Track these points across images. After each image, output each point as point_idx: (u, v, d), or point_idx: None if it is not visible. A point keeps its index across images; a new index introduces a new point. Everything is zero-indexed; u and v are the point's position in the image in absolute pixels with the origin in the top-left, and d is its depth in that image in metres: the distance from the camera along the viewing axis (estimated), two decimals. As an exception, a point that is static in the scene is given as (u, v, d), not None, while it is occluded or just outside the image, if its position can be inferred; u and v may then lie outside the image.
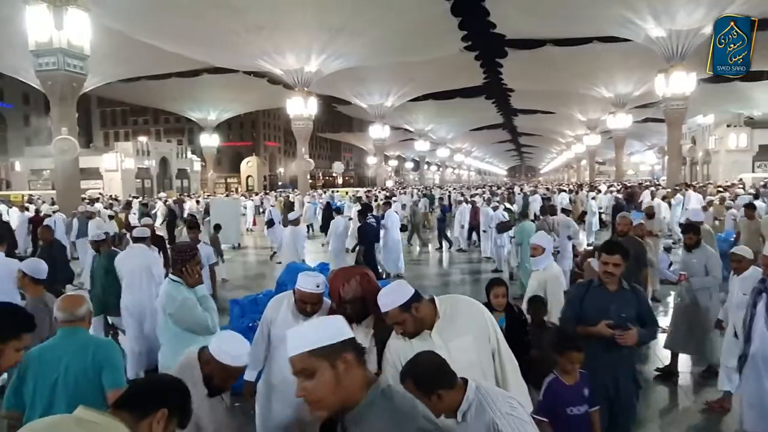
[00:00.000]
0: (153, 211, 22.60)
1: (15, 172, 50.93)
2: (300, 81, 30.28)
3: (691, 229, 6.03)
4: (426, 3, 24.46)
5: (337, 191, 41.32)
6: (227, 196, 42.96)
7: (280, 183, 77.45)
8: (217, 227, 12.39)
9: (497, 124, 64.89)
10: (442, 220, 17.01)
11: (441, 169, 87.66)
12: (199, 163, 59.79)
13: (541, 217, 10.53)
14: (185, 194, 41.44)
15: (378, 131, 45.99)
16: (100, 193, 37.33)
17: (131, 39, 26.48)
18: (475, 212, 15.98)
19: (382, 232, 11.47)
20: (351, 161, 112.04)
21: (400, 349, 2.46)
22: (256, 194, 40.00)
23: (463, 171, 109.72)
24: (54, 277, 5.88)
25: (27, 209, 20.17)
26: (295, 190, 41.86)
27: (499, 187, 42.24)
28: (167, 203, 25.11)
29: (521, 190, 33.38)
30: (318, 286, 2.99)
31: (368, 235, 9.72)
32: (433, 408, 1.90)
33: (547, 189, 33.33)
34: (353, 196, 28.79)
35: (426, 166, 78.84)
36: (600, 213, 19.54)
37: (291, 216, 10.66)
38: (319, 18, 24.43)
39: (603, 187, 29.11)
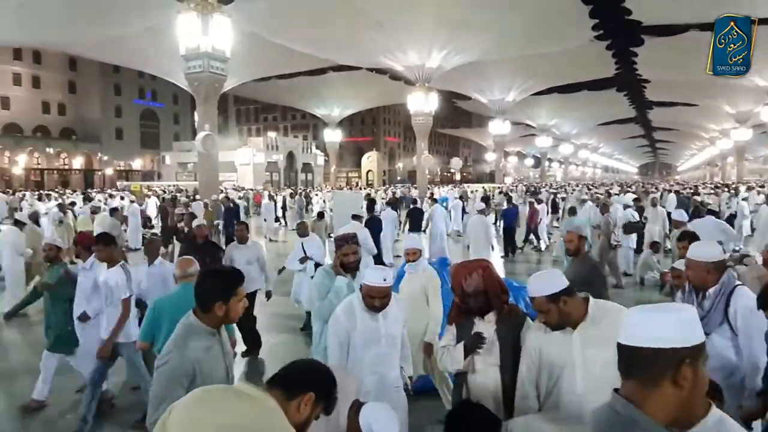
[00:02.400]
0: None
1: (165, 165, 56.95)
2: (421, 77, 30.51)
3: (687, 236, 4.81)
4: (554, -8, 23.46)
5: (457, 186, 41.01)
6: (350, 189, 44.49)
7: (398, 178, 78.72)
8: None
9: (628, 118, 60.46)
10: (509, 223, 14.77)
11: (564, 165, 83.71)
12: (323, 157, 62.60)
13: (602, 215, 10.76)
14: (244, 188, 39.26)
15: (498, 127, 44.99)
16: (233, 185, 40.50)
17: (265, 41, 28.33)
18: (533, 213, 15.25)
19: (429, 224, 12.98)
20: (469, 157, 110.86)
21: (538, 340, 2.42)
22: (374, 189, 40.95)
23: (589, 168, 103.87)
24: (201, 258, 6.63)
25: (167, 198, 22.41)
26: (414, 185, 42.30)
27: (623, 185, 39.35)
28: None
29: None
30: (385, 280, 2.88)
31: (373, 226, 10.79)
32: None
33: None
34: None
35: (547, 163, 75.70)
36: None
37: (478, 207, 11.21)
38: (440, 13, 24.39)
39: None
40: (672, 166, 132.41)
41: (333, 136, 52.73)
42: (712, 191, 25.67)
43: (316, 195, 29.94)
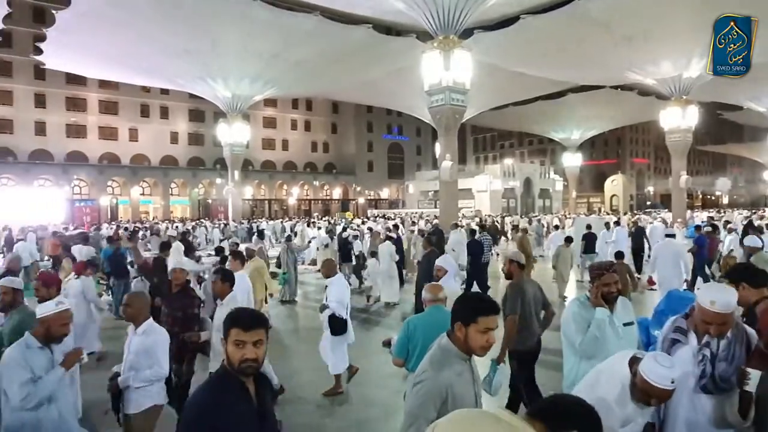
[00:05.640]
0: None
1: (408, 194, 61.37)
2: (677, 89, 27.27)
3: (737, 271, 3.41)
4: None
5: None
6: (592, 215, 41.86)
7: (648, 203, 71.20)
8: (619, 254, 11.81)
9: None
10: (700, 257, 11.73)
11: None
12: (561, 182, 60.20)
13: None
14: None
15: (781, 139, 37.55)
16: (470, 211, 41.50)
17: (502, 70, 28.74)
18: (711, 243, 11.68)
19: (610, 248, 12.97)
20: (740, 177, 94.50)
21: None
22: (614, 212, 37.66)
23: None
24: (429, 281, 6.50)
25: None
26: (668, 210, 37.78)
27: None
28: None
29: None
30: (673, 382, 2.32)
31: (474, 250, 11.81)
32: None
33: None
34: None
35: None
36: None
37: None
38: (702, 16, 21.42)
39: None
40: None
41: (572, 160, 50.56)
42: None
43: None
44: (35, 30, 36.03)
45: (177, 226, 26.55)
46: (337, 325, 6.05)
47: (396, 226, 18.75)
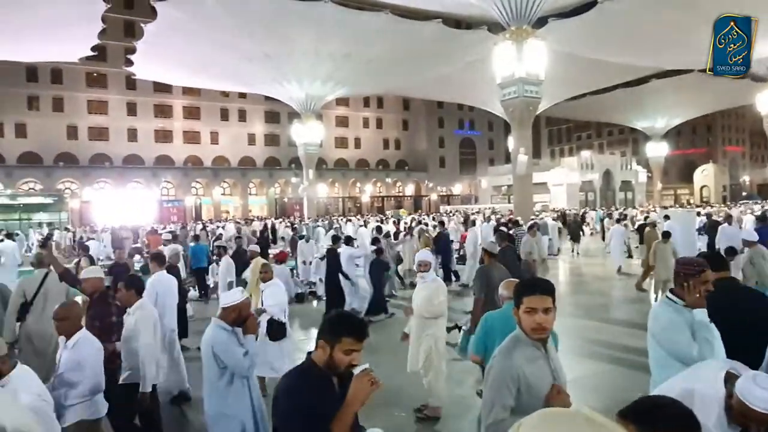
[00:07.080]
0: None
1: (481, 189, 60.48)
2: (776, 69, 25.14)
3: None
4: None
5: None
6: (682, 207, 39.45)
7: (744, 194, 66.09)
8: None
9: None
10: None
11: None
12: (645, 173, 57.11)
13: None
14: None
15: None
16: (545, 205, 40.26)
17: (578, 59, 27.58)
18: None
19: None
20: None
21: None
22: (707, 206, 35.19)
23: None
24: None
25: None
26: (765, 200, 34.92)
27: None
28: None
29: None
30: None
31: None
32: None
33: None
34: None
35: None
36: None
37: None
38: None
39: None
40: None
41: (657, 149, 47.94)
42: None
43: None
44: (126, 43, 38.59)
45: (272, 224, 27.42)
46: (277, 330, 5.71)
47: (442, 223, 18.18)
